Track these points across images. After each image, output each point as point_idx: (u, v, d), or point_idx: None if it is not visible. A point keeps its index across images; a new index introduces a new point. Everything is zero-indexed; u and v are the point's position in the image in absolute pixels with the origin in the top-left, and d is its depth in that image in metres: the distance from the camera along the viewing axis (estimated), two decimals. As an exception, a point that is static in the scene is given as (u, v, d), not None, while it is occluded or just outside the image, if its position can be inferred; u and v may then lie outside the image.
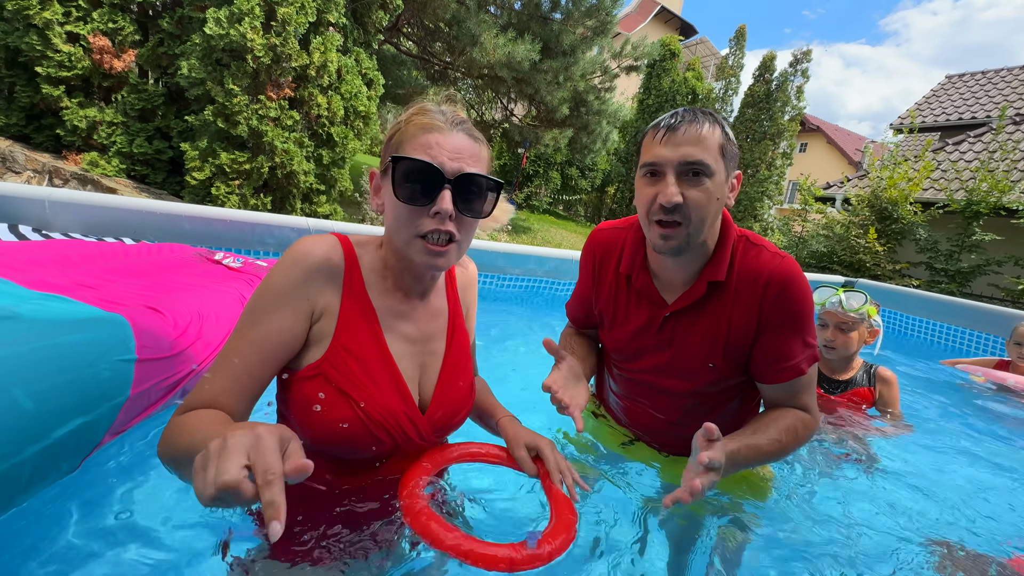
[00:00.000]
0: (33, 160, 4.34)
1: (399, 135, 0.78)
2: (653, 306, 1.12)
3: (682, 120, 0.96)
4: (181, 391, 1.00)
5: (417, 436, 0.84)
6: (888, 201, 7.75)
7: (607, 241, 1.21)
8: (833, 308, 1.85)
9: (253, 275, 1.55)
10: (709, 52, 25.42)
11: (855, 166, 21.63)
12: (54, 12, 4.26)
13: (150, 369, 0.93)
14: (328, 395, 0.75)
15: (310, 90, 4.92)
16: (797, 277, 1.03)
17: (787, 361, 1.04)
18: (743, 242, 1.08)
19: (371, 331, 0.80)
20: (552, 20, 7.03)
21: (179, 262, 1.62)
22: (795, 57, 9.90)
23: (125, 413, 0.89)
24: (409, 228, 0.76)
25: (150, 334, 0.95)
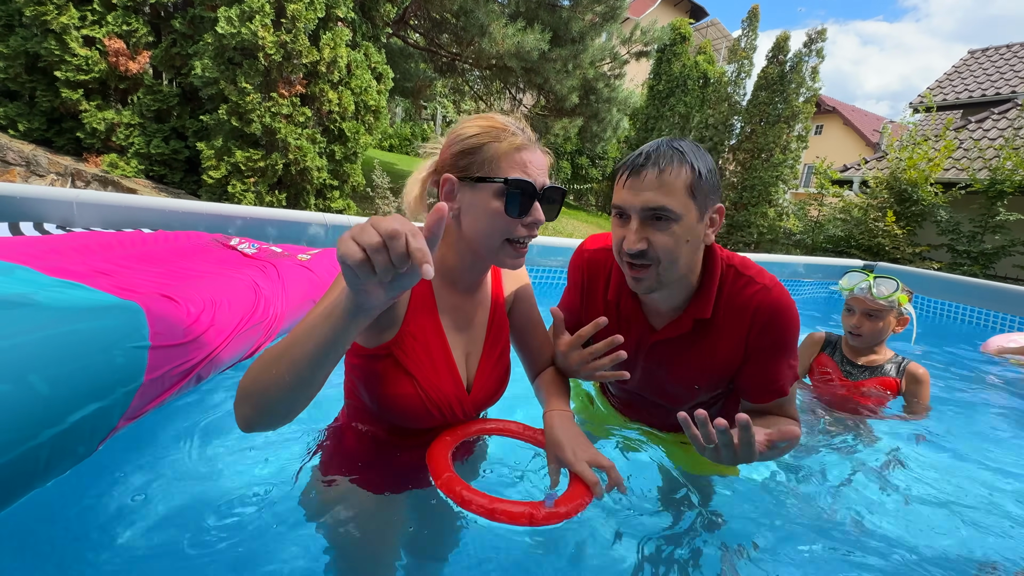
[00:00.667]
0: (56, 163, 4.43)
1: (491, 151, 0.84)
2: (641, 331, 1.13)
3: (645, 162, 0.94)
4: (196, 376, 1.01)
5: (462, 413, 0.95)
6: (907, 183, 7.52)
7: (595, 263, 1.21)
8: (862, 295, 1.77)
9: (267, 261, 1.56)
10: (720, 35, 24.83)
11: (873, 147, 21.05)
12: (70, 16, 4.31)
13: (164, 356, 0.94)
14: (395, 373, 0.86)
15: (321, 86, 4.92)
16: (783, 308, 1.03)
17: (773, 384, 1.07)
18: (731, 273, 1.07)
19: (432, 321, 0.90)
20: (561, 7, 6.91)
21: (195, 248, 1.64)
22: (809, 37, 9.58)
23: (140, 398, 0.91)
24: (504, 235, 0.85)
25: (164, 321, 0.96)
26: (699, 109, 11.59)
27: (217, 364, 1.03)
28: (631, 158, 0.97)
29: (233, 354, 1.08)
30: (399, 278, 0.58)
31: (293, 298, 1.41)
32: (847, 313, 1.85)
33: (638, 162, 0.95)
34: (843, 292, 1.85)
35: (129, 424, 0.89)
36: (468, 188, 0.85)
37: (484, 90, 9.07)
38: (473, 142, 0.85)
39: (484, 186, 0.84)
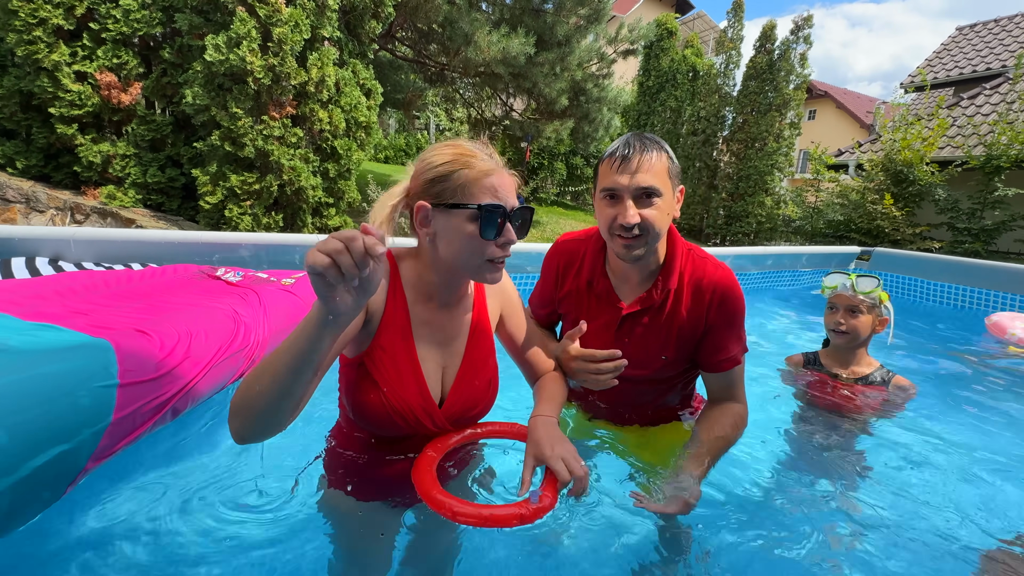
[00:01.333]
0: (55, 198, 4.48)
1: (461, 178, 0.88)
2: (612, 308, 1.26)
3: (634, 150, 1.11)
4: (171, 410, 1.00)
5: (432, 425, 0.98)
6: (903, 163, 7.45)
7: (569, 251, 1.35)
8: (844, 291, 1.80)
9: (249, 288, 1.56)
10: (707, 26, 24.80)
11: (867, 129, 20.92)
12: (61, 53, 4.37)
13: (134, 392, 0.93)
14: (364, 381, 0.92)
15: (311, 106, 4.95)
16: (735, 285, 1.22)
17: (728, 353, 1.23)
18: (690, 255, 1.25)
19: (404, 335, 0.95)
20: (545, 12, 6.92)
21: (179, 282, 1.64)
22: (796, 24, 9.54)
23: (109, 438, 0.89)
24: (481, 256, 0.90)
25: (135, 357, 0.95)
26: (690, 102, 11.56)
27: (195, 396, 1.03)
28: (617, 148, 1.14)
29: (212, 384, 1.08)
30: (363, 283, 0.64)
31: (275, 323, 1.42)
32: (830, 311, 1.85)
33: (626, 151, 1.11)
34: (825, 292, 1.87)
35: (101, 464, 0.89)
36: (442, 214, 0.89)
37: (475, 96, 9.10)
38: (444, 169, 0.89)
39: (458, 211, 0.88)
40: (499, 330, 1.16)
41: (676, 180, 1.16)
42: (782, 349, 2.93)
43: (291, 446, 1.27)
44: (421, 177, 0.91)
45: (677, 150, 11.59)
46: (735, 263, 4.27)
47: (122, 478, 1.09)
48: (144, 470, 1.13)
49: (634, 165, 1.09)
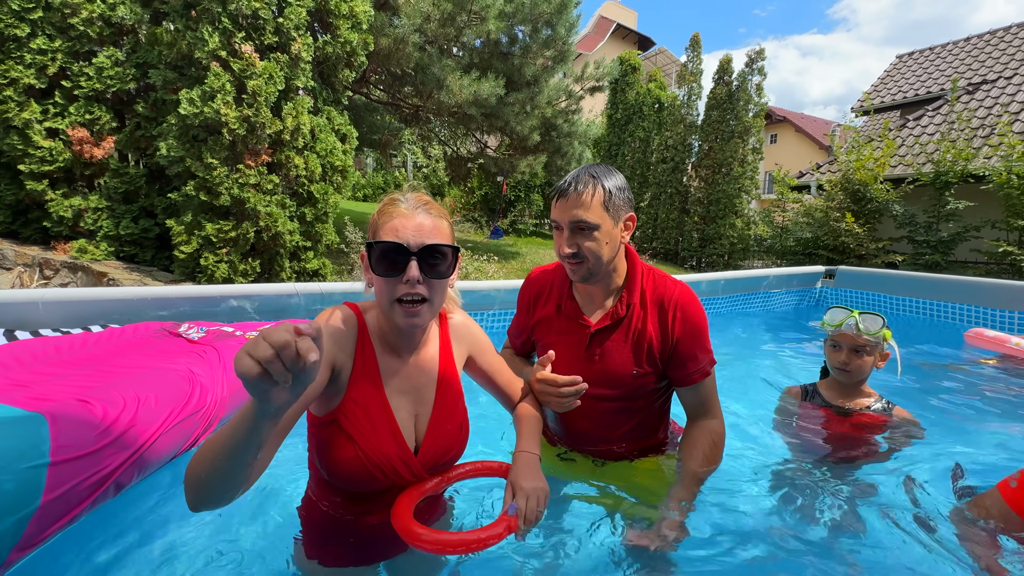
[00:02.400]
0: (22, 254, 4.38)
1: (375, 224, 0.94)
2: (580, 328, 1.33)
3: (569, 187, 1.21)
4: (114, 485, 0.93)
5: (409, 474, 0.98)
6: (859, 182, 7.80)
7: (539, 281, 1.47)
8: (850, 331, 1.73)
9: (210, 345, 1.52)
10: (669, 60, 26.00)
11: (826, 150, 21.89)
12: (32, 112, 4.36)
13: (69, 470, 0.87)
14: (339, 438, 0.91)
15: (287, 153, 4.99)
16: (695, 298, 1.31)
17: (697, 364, 1.29)
18: (650, 274, 1.35)
19: (375, 387, 0.95)
20: (512, 55, 7.19)
21: (135, 343, 1.59)
22: (749, 57, 10.08)
23: (38, 523, 0.83)
24: (388, 296, 0.92)
25: (73, 430, 0.89)
26: (658, 132, 11.99)
27: (143, 465, 0.97)
28: (560, 184, 1.25)
29: (163, 452, 1.02)
30: (297, 377, 0.61)
31: (236, 380, 1.37)
32: (833, 349, 1.80)
33: (564, 187, 1.23)
34: (827, 328, 1.81)
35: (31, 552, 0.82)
36: (369, 259, 0.94)
37: (450, 135, 9.29)
38: (371, 218, 0.96)
39: (370, 254, 0.93)
40: (471, 369, 1.19)
41: (620, 210, 1.24)
42: (757, 370, 2.97)
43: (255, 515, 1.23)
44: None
45: (648, 177, 11.93)
46: (707, 288, 4.36)
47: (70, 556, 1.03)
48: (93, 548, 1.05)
49: (569, 201, 1.20)
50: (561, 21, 6.78)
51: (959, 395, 2.58)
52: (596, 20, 25.66)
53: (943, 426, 2.10)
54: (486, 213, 12.56)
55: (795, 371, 3.07)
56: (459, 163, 9.68)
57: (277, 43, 4.75)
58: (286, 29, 4.71)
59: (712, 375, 1.33)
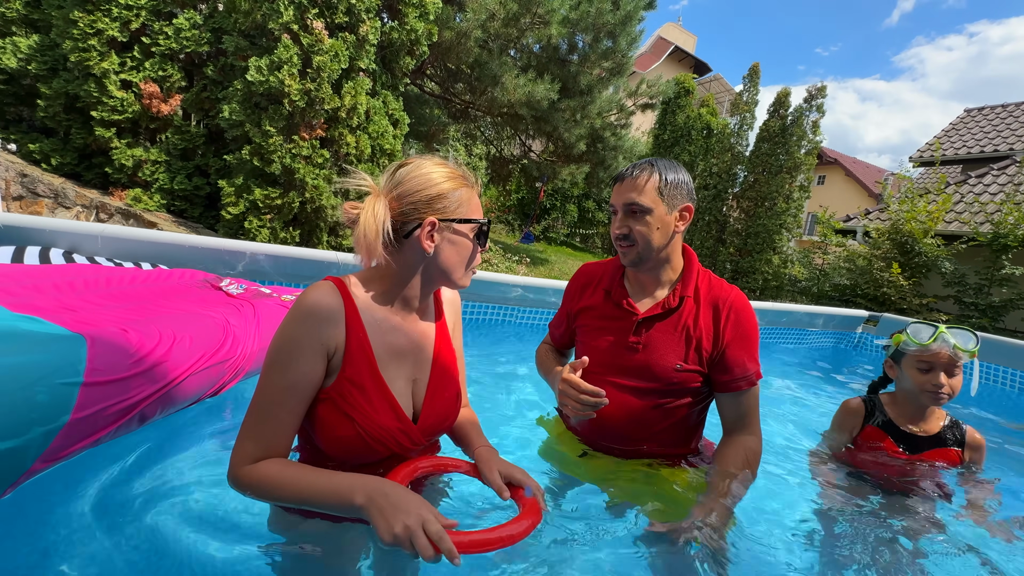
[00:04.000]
0: (83, 196, 4.54)
1: (462, 196, 0.97)
2: (627, 315, 1.32)
3: (626, 173, 1.26)
4: (139, 416, 0.91)
5: (410, 443, 0.97)
6: (908, 234, 7.44)
7: (591, 271, 1.48)
8: (944, 348, 1.49)
9: (248, 301, 1.51)
10: (723, 89, 25.56)
11: (875, 198, 21.08)
12: (111, 62, 4.53)
13: (100, 392, 0.86)
14: (335, 416, 0.91)
15: (340, 130, 5.06)
16: (748, 305, 1.29)
17: (744, 371, 1.24)
18: (706, 275, 1.34)
19: (368, 364, 0.93)
20: (570, 62, 7.15)
21: (179, 288, 1.60)
22: (809, 93, 9.77)
23: (63, 439, 0.83)
24: (466, 264, 0.99)
25: (108, 355, 0.89)
26: (703, 158, 11.75)
27: (167, 402, 0.95)
28: (621, 171, 1.28)
29: (190, 392, 1.01)
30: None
31: (268, 337, 1.36)
32: (922, 372, 1.53)
33: (622, 173, 1.27)
34: (910, 346, 1.55)
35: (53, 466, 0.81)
36: (447, 227, 0.95)
37: (495, 135, 9.30)
38: (447, 188, 0.95)
39: (464, 225, 0.97)
40: None
41: (675, 199, 1.24)
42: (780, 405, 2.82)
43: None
44: (418, 194, 0.94)
45: (688, 202, 11.70)
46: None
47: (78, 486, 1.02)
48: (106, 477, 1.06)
49: (625, 184, 1.25)
50: (624, 33, 6.71)
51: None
52: (654, 40, 25.44)
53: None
54: (520, 217, 12.52)
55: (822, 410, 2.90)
56: (501, 164, 9.69)
57: (347, 23, 4.82)
58: (357, 11, 4.78)
59: (757, 389, 1.28)
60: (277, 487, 0.82)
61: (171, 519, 1.02)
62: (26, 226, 2.18)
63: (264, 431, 0.85)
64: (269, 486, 0.83)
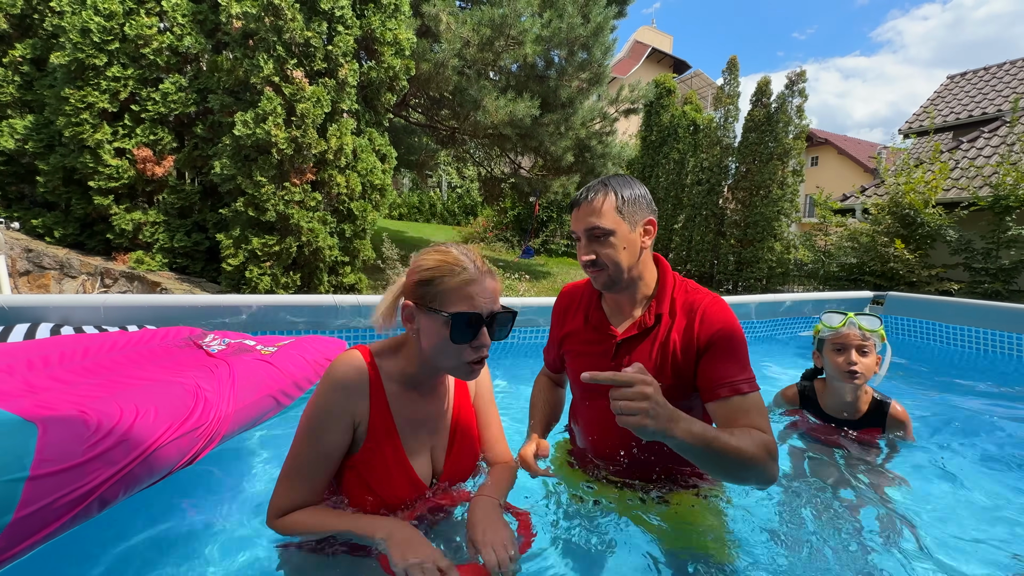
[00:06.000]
0: (87, 264, 4.63)
1: (443, 284, 0.94)
2: (607, 338, 1.29)
3: (581, 197, 1.22)
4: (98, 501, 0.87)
5: (425, 509, 1.03)
6: (908, 206, 7.31)
7: (569, 295, 1.46)
8: (850, 329, 1.68)
9: (224, 360, 1.50)
10: (705, 83, 25.68)
11: (871, 173, 20.88)
12: (104, 133, 4.66)
13: (50, 484, 0.83)
14: (359, 487, 0.98)
15: (330, 172, 5.13)
16: (727, 311, 1.20)
17: (726, 378, 1.13)
18: (683, 285, 1.28)
19: (390, 437, 0.99)
20: (548, 77, 7.23)
21: (157, 352, 1.59)
22: (790, 79, 9.77)
23: (7, 539, 0.78)
24: (457, 358, 0.96)
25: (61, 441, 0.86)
26: (693, 154, 11.74)
27: (131, 481, 0.93)
28: (575, 195, 1.25)
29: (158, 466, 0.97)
30: None
31: (245, 396, 1.34)
32: (837, 352, 1.70)
33: (577, 197, 1.23)
34: (825, 331, 1.74)
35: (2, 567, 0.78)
36: (424, 315, 0.96)
37: (484, 156, 9.39)
38: (428, 275, 0.95)
39: (436, 315, 0.94)
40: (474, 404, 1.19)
41: (636, 215, 1.20)
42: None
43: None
44: (411, 277, 0.98)
45: (683, 199, 11.65)
46: (740, 312, 4.12)
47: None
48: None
49: (583, 210, 1.21)
50: (597, 44, 6.78)
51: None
52: (631, 45, 25.72)
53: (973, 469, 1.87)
54: (518, 233, 12.56)
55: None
56: (493, 183, 9.75)
57: (326, 69, 4.93)
58: (335, 56, 4.89)
59: (751, 397, 1.11)
60: (310, 526, 0.94)
61: None
62: (29, 305, 2.22)
63: (299, 491, 0.95)
64: (303, 530, 0.94)
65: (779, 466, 1.04)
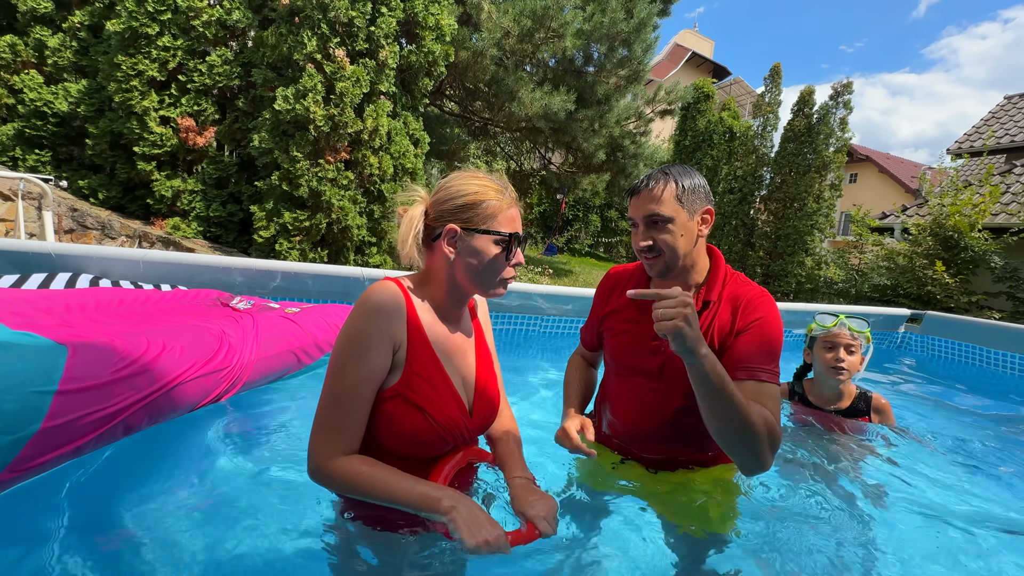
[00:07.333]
0: (127, 227, 4.77)
1: (490, 208, 0.98)
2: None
3: (642, 184, 1.24)
4: (122, 424, 0.89)
5: (469, 435, 1.03)
6: (952, 229, 6.96)
7: (618, 275, 1.48)
8: (841, 330, 1.87)
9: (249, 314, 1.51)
10: (744, 91, 25.04)
11: (912, 194, 20.04)
12: (151, 100, 4.78)
13: (76, 400, 0.85)
14: (406, 410, 0.94)
15: (363, 152, 5.16)
16: (767, 301, 1.22)
17: (742, 363, 1.14)
18: (734, 276, 1.31)
19: (431, 357, 0.98)
20: (586, 73, 7.13)
21: (188, 306, 1.62)
22: (835, 90, 9.40)
23: (34, 448, 0.81)
24: (498, 275, 1.01)
25: (89, 362, 0.88)
26: (727, 162, 11.45)
27: (155, 410, 0.93)
28: (635, 183, 1.26)
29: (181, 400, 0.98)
30: None
31: (268, 347, 1.34)
32: (827, 350, 1.89)
33: (638, 185, 1.25)
34: (817, 330, 1.92)
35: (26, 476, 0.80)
36: (470, 237, 0.98)
37: (514, 150, 9.34)
38: (473, 198, 0.98)
39: (486, 236, 0.98)
40: None
41: (695, 203, 1.23)
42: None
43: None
44: (449, 203, 0.99)
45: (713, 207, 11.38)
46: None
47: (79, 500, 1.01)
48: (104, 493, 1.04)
49: (643, 197, 1.22)
50: (638, 40, 6.64)
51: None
52: (671, 48, 25.26)
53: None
54: (542, 229, 12.48)
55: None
56: (521, 178, 9.70)
57: (367, 49, 4.95)
58: (376, 37, 4.90)
59: (767, 386, 1.12)
60: (366, 483, 0.88)
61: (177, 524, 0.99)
62: (75, 254, 2.28)
63: (344, 423, 0.90)
64: (358, 481, 0.89)
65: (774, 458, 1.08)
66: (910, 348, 4.60)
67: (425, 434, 0.96)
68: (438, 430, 0.96)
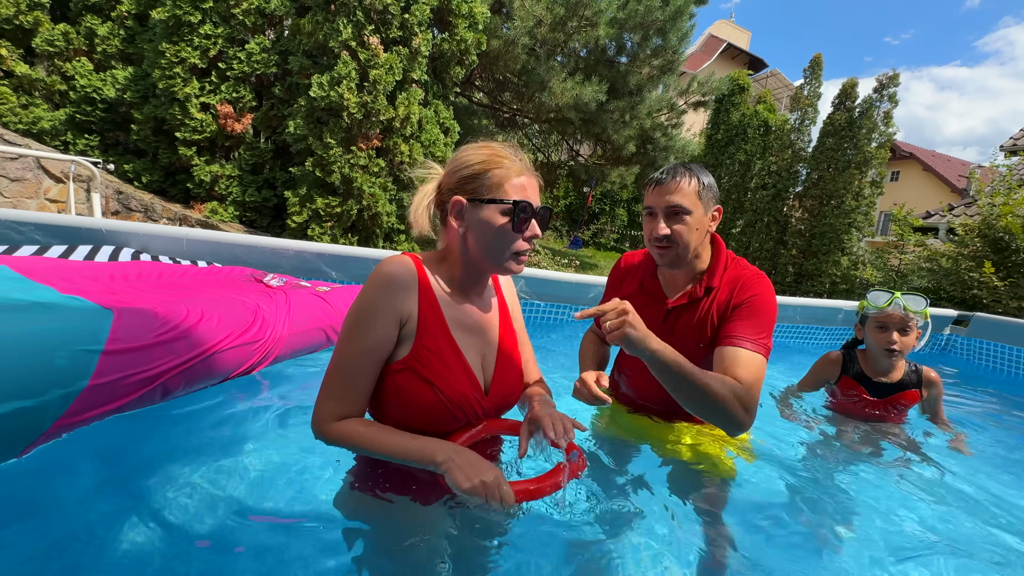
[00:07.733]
0: (168, 210, 4.92)
1: (496, 176, 0.94)
2: (659, 304, 1.41)
3: (666, 176, 1.29)
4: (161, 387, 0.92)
5: (483, 413, 1.00)
6: (1003, 230, 6.54)
7: (628, 263, 1.57)
8: (897, 310, 1.78)
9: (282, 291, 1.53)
10: (781, 84, 24.12)
11: (959, 193, 18.99)
12: (193, 87, 4.90)
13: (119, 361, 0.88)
14: (415, 383, 0.93)
15: (395, 139, 5.18)
16: (761, 281, 1.32)
17: (729, 333, 1.22)
18: (734, 262, 1.39)
19: (443, 331, 0.96)
20: (618, 62, 6.97)
21: (224, 280, 1.65)
22: (880, 82, 8.92)
23: (82, 403, 0.84)
24: (509, 248, 0.95)
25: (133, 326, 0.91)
26: (761, 157, 11.06)
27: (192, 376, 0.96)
28: (656, 174, 1.32)
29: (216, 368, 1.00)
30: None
31: (299, 323, 1.36)
32: (880, 331, 1.82)
33: (660, 176, 1.30)
34: (870, 310, 1.85)
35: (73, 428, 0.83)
36: (476, 208, 0.93)
37: (542, 142, 9.24)
38: (479, 168, 0.94)
39: (492, 206, 0.93)
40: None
41: (710, 201, 1.31)
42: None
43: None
44: (456, 175, 0.95)
45: (744, 203, 11.03)
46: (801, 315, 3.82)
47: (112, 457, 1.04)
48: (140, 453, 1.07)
49: (666, 188, 1.28)
50: (674, 29, 6.45)
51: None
52: (706, 39, 24.49)
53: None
54: (568, 223, 12.36)
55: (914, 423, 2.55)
56: (548, 169, 9.60)
57: (400, 37, 4.95)
58: (410, 24, 4.89)
59: (745, 353, 1.19)
60: (364, 440, 0.89)
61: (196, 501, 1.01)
62: (124, 231, 2.36)
63: (345, 391, 0.91)
64: (355, 439, 0.90)
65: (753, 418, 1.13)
66: (956, 351, 4.35)
67: (434, 408, 0.94)
68: (447, 405, 0.94)
